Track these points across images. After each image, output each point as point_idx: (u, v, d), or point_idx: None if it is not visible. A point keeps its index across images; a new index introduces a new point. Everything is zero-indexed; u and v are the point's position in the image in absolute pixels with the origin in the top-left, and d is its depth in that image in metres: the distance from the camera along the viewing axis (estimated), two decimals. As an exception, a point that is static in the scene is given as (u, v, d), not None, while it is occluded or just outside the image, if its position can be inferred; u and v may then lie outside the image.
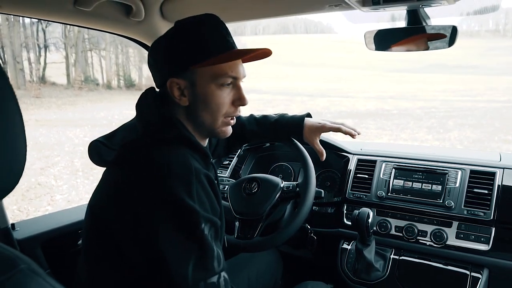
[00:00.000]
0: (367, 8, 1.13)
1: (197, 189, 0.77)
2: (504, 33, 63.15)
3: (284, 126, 1.30)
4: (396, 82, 24.06)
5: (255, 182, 1.30)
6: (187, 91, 0.88)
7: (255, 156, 1.86)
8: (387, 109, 12.96)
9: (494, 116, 10.69)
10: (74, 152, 7.52)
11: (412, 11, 1.14)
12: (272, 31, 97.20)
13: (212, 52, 0.86)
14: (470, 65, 33.85)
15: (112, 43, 23.57)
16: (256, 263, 1.42)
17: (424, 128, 9.50)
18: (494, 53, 40.62)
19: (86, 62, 23.06)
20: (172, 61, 0.87)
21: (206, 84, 0.88)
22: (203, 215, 0.75)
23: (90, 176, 6.20)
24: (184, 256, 0.72)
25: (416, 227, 1.37)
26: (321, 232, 1.52)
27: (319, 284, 1.25)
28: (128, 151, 0.84)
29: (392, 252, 1.39)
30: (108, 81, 23.25)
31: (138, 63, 24.13)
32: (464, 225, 1.30)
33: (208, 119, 0.91)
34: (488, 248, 1.26)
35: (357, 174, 1.54)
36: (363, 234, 1.30)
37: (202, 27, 0.87)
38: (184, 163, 0.78)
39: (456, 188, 1.36)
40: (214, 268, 0.75)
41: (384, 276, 1.34)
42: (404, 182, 1.45)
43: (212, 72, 0.87)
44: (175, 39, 0.87)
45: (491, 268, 1.25)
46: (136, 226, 0.74)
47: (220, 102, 0.90)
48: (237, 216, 1.27)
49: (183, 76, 0.87)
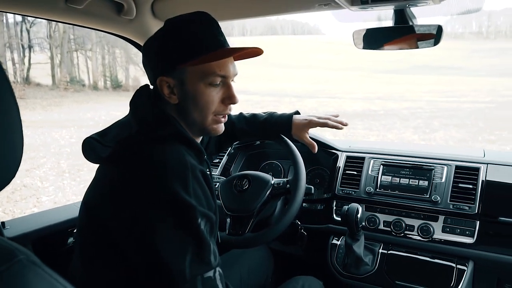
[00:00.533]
0: (356, 7, 1.16)
1: (193, 185, 0.77)
2: (487, 35, 64.42)
3: (273, 124, 1.32)
4: (382, 83, 24.35)
5: (246, 179, 1.32)
6: (177, 90, 0.89)
7: (245, 154, 1.88)
8: (374, 110, 13.11)
9: (478, 116, 10.89)
10: (60, 153, 7.43)
11: (399, 11, 1.17)
12: (260, 32, 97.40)
13: (200, 51, 0.86)
14: (455, 67, 34.44)
15: (98, 43, 23.35)
16: (247, 259, 1.43)
17: (410, 128, 9.63)
18: (478, 55, 41.42)
19: (71, 63, 22.78)
20: (162, 59, 0.88)
21: (195, 83, 0.88)
22: (199, 210, 0.76)
23: (77, 178, 6.13)
24: (181, 251, 0.73)
25: (403, 222, 1.40)
26: (311, 228, 1.54)
27: (310, 278, 1.26)
28: (124, 149, 0.84)
29: (381, 247, 1.42)
30: (94, 82, 23.01)
31: (125, 64, 23.95)
32: (450, 219, 1.34)
33: (198, 117, 0.92)
34: (473, 241, 1.30)
35: (346, 170, 1.57)
36: (353, 229, 1.32)
37: (192, 25, 0.87)
38: (180, 160, 0.79)
39: (442, 183, 1.40)
40: (210, 263, 0.76)
41: (373, 270, 1.37)
42: (392, 178, 1.48)
43: (201, 70, 0.87)
44: (165, 38, 0.87)
45: (476, 260, 1.29)
46: (133, 223, 0.75)
47: (209, 100, 0.90)
48: (228, 212, 1.28)
49: (172, 75, 0.88)
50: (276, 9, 1.31)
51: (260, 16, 1.38)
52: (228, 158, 1.82)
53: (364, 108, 13.48)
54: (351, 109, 12.96)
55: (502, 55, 39.85)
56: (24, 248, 0.43)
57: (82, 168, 6.56)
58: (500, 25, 68.51)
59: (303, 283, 1.22)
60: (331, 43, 53.57)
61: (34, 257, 0.43)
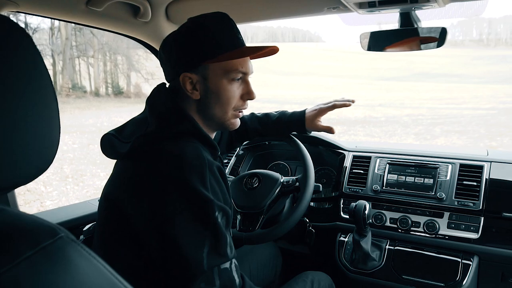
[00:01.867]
0: (363, 11, 1.20)
1: (210, 180, 0.81)
2: (488, 42, 64.70)
3: (287, 122, 1.37)
4: (383, 91, 24.39)
5: (256, 177, 1.36)
6: (199, 85, 0.92)
7: (253, 155, 1.92)
8: (375, 117, 13.13)
9: (479, 123, 10.91)
10: (63, 158, 7.45)
11: (404, 14, 1.22)
12: (261, 39, 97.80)
13: (224, 49, 0.90)
14: (455, 74, 34.52)
15: (100, 50, 23.46)
16: (257, 256, 1.46)
17: (411, 134, 9.66)
18: (478, 62, 41.52)
19: (73, 69, 22.87)
20: (185, 56, 0.91)
21: (218, 79, 0.92)
22: (216, 203, 0.79)
23: (80, 183, 6.16)
24: (199, 243, 0.76)
25: (409, 219, 1.43)
26: (319, 226, 1.58)
27: (319, 273, 1.29)
28: (143, 144, 0.86)
29: (388, 243, 1.45)
30: (96, 89, 23.07)
31: (127, 71, 24.02)
32: (455, 215, 1.38)
33: (219, 112, 0.96)
34: (478, 236, 1.33)
35: (353, 169, 1.61)
36: (360, 225, 1.36)
37: (214, 25, 0.91)
38: (198, 155, 0.82)
39: (447, 181, 1.43)
40: (227, 254, 0.79)
41: (380, 265, 1.40)
42: (398, 176, 1.52)
43: (224, 67, 0.92)
44: (189, 35, 0.91)
45: (481, 255, 1.33)
46: (152, 216, 0.78)
47: (230, 96, 0.95)
48: (238, 209, 1.32)
49: (195, 71, 0.91)
50: (286, 13, 1.36)
51: (271, 20, 1.43)
52: (237, 159, 1.85)
53: (365, 115, 13.51)
54: (353, 116, 12.99)
55: (502, 62, 39.96)
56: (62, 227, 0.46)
57: (85, 173, 6.60)
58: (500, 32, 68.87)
59: (312, 277, 1.25)
60: (331, 50, 53.79)
61: (73, 236, 0.45)
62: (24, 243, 0.40)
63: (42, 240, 0.41)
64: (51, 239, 0.42)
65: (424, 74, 35.55)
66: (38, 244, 0.40)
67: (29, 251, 0.39)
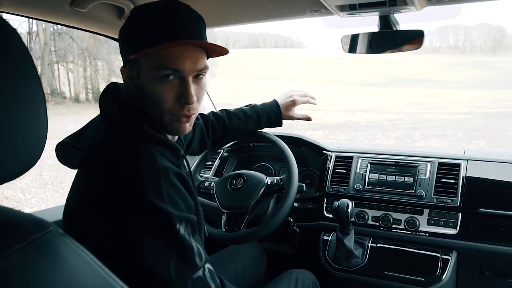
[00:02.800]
0: (344, 13, 1.24)
1: (167, 190, 0.75)
2: (464, 49, 66.52)
3: (265, 114, 1.40)
4: (364, 96, 24.76)
5: (241, 178, 1.37)
6: (135, 82, 0.84)
7: (237, 157, 1.93)
8: (356, 121, 13.32)
9: (457, 127, 11.20)
10: (42, 165, 7.28)
11: (384, 17, 1.26)
12: (242, 45, 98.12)
13: (150, 41, 0.79)
14: (434, 80, 35.33)
15: (80, 55, 23.13)
16: (242, 256, 1.47)
17: (392, 139, 9.84)
18: (455, 68, 42.60)
19: (52, 75, 22.45)
20: (121, 49, 0.86)
21: (148, 76, 0.82)
22: (176, 215, 0.74)
23: (59, 189, 6.05)
24: (165, 258, 0.72)
25: (391, 216, 1.47)
26: (303, 225, 1.60)
27: (303, 271, 1.31)
28: (95, 155, 0.80)
29: (370, 240, 1.48)
30: (76, 94, 22.67)
31: (107, 76, 23.69)
32: (434, 212, 1.42)
33: (155, 114, 0.85)
34: (456, 232, 1.37)
35: (335, 169, 1.64)
36: (343, 224, 1.38)
37: (149, 13, 0.81)
38: (151, 165, 0.76)
39: (426, 179, 1.48)
40: (196, 264, 0.76)
41: (363, 262, 1.43)
42: (379, 176, 1.56)
43: (155, 63, 0.80)
44: (124, 27, 0.84)
45: (459, 250, 1.37)
46: (113, 232, 0.74)
47: (161, 97, 0.82)
48: (223, 210, 1.33)
49: (130, 65, 0.84)
50: (269, 16, 1.38)
51: (254, 22, 1.45)
52: (221, 161, 1.86)
53: (346, 120, 13.68)
54: (334, 121, 13.14)
55: (477, 68, 41.17)
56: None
57: (65, 180, 6.47)
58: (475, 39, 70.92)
59: (296, 275, 1.26)
60: (312, 56, 54.37)
61: (62, 230, 0.45)
62: (13, 236, 0.40)
63: (32, 233, 0.41)
64: (40, 232, 0.42)
65: (404, 80, 36.28)
66: (27, 237, 0.41)
67: (19, 244, 0.39)
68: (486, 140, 9.01)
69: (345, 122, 13.06)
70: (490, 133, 9.96)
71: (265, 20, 1.43)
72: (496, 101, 19.01)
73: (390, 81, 36.00)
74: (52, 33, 21.52)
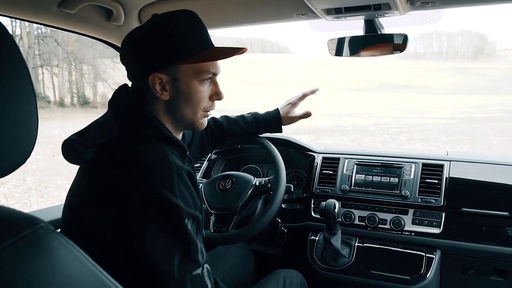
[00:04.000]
0: (331, 17, 1.26)
1: (179, 186, 0.78)
2: (447, 55, 67.64)
3: (264, 122, 1.41)
4: (350, 101, 25.01)
5: (229, 179, 1.38)
6: (169, 86, 0.89)
7: (226, 159, 1.94)
8: (342, 126, 13.44)
9: (441, 131, 11.39)
10: (25, 170, 7.14)
11: (369, 21, 1.29)
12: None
13: (196, 50, 0.88)
14: (418, 85, 35.86)
15: (65, 59, 22.82)
16: (230, 257, 1.48)
17: (378, 143, 9.95)
18: (439, 74, 43.37)
19: (36, 79, 22.09)
20: (155, 56, 0.87)
21: (189, 80, 0.90)
22: (186, 211, 0.77)
23: (44, 194, 5.96)
24: (170, 252, 0.75)
25: (377, 216, 1.50)
26: (290, 226, 1.61)
27: (291, 271, 1.32)
28: (108, 152, 0.83)
29: (357, 240, 1.51)
30: (60, 98, 22.34)
31: (93, 81, 23.45)
32: (419, 211, 1.45)
33: (189, 113, 0.94)
34: (440, 231, 1.41)
35: (322, 170, 1.66)
36: (330, 224, 1.40)
37: (183, 23, 0.88)
38: (165, 161, 0.80)
39: (411, 180, 1.51)
40: (198, 261, 0.79)
41: (350, 261, 1.45)
42: (365, 176, 1.58)
43: (195, 68, 0.90)
44: (158, 34, 0.87)
45: (443, 249, 1.40)
46: (121, 226, 0.75)
47: (201, 97, 0.93)
48: (212, 211, 1.33)
49: (165, 71, 0.88)
50: (256, 19, 1.40)
51: (241, 25, 1.47)
52: (209, 163, 1.87)
53: (333, 124, 13.80)
54: (321, 125, 13.23)
55: (460, 74, 41.95)
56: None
57: (49, 185, 6.38)
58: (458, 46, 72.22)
59: (284, 275, 1.27)
60: (299, 61, 54.65)
61: (53, 227, 0.46)
62: (4, 232, 0.40)
63: (23, 229, 0.42)
64: (31, 228, 0.42)
65: (390, 85, 36.77)
66: (18, 233, 0.41)
67: (10, 240, 0.40)
68: (469, 145, 9.19)
69: (331, 127, 13.17)
70: (473, 137, 10.16)
71: (252, 23, 1.44)
72: (478, 106, 19.42)
73: (376, 86, 36.44)
74: (36, 36, 21.22)
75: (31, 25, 17.81)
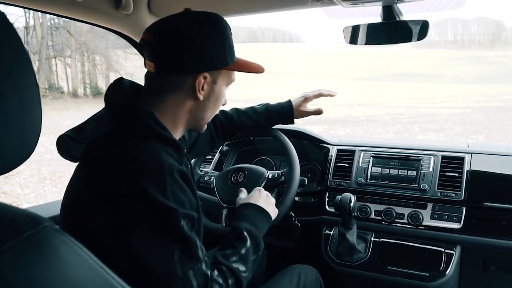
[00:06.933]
0: (347, 3, 1.21)
1: (171, 187, 0.76)
2: (462, 43, 66.36)
3: (275, 113, 1.40)
4: (363, 91, 24.75)
5: (242, 172, 1.35)
6: (208, 87, 0.91)
7: (238, 151, 1.91)
8: (355, 116, 13.31)
9: (455, 121, 11.20)
10: (40, 160, 7.26)
11: (387, 7, 1.23)
12: (241, 39, 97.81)
13: (234, 58, 0.94)
14: (432, 74, 35.29)
15: (78, 50, 22.98)
16: None
17: (391, 133, 9.84)
18: (453, 63, 42.55)
19: (50, 70, 22.33)
20: (212, 56, 0.88)
21: (222, 85, 0.95)
22: (181, 212, 0.75)
23: (58, 184, 6.03)
24: (167, 253, 0.73)
25: (394, 211, 1.45)
26: (304, 220, 1.58)
27: (306, 267, 1.30)
28: (99, 148, 0.81)
29: (373, 235, 1.47)
30: (73, 89, 22.58)
31: (105, 71, 23.60)
32: (438, 206, 1.40)
33: (210, 115, 0.98)
34: (460, 226, 1.36)
35: (337, 163, 1.62)
36: (346, 218, 1.36)
37: (230, 29, 0.93)
38: (157, 161, 0.77)
39: (430, 173, 1.46)
40: (199, 257, 0.77)
41: (366, 257, 1.42)
42: (382, 169, 1.54)
43: (230, 74, 0.96)
44: (218, 37, 0.88)
45: (463, 245, 1.36)
46: (115, 228, 0.73)
47: (222, 101, 0.99)
48: (224, 205, 1.31)
49: (211, 73, 0.90)
50: (270, 6, 1.35)
51: (255, 13, 1.43)
52: (221, 155, 1.84)
53: (345, 114, 13.67)
54: (333, 115, 13.12)
55: (475, 63, 41.12)
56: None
57: (64, 175, 6.45)
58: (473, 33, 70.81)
59: (299, 271, 1.25)
60: (311, 50, 54.18)
61: (57, 226, 0.45)
62: (7, 233, 0.39)
63: (26, 229, 0.41)
64: (34, 228, 0.41)
65: (402, 74, 36.23)
66: (21, 234, 0.40)
67: (13, 240, 0.39)
68: (485, 134, 9.01)
69: (344, 117, 13.05)
70: (488, 127, 9.96)
71: (266, 10, 1.40)
72: (494, 95, 19.02)
73: (389, 75, 35.96)
74: (49, 27, 21.38)
75: (44, 16, 17.97)
